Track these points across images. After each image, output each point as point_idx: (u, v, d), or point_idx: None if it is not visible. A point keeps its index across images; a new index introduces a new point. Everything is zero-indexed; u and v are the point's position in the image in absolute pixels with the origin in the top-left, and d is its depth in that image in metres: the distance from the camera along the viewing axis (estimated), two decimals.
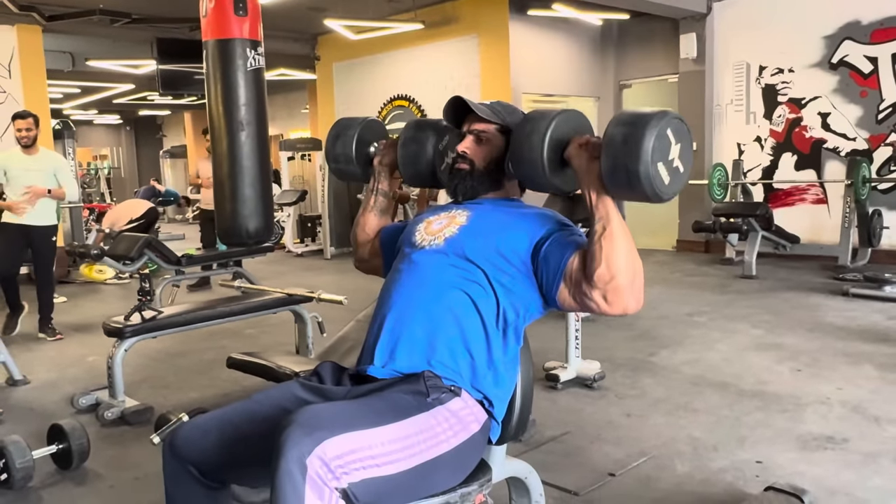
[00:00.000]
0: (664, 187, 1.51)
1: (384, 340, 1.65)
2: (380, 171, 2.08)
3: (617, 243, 1.53)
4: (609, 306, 1.54)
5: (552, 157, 1.65)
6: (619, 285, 1.52)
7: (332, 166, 2.16)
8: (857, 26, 7.29)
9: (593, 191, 1.57)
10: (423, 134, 1.97)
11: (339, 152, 2.11)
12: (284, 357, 2.79)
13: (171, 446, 1.59)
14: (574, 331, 3.78)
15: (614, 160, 1.49)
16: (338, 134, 2.12)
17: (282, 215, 10.26)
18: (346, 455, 1.31)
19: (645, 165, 1.46)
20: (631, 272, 1.54)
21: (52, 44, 8.89)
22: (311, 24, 9.54)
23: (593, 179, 1.57)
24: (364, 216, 2.10)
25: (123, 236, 6.31)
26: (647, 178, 1.47)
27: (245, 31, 4.78)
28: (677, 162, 1.54)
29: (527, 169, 1.70)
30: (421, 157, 1.95)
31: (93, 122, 20.66)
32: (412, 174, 2.00)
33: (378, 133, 2.14)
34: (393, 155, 2.03)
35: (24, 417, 3.62)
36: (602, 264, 1.52)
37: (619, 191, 1.55)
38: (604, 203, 1.56)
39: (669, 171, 1.52)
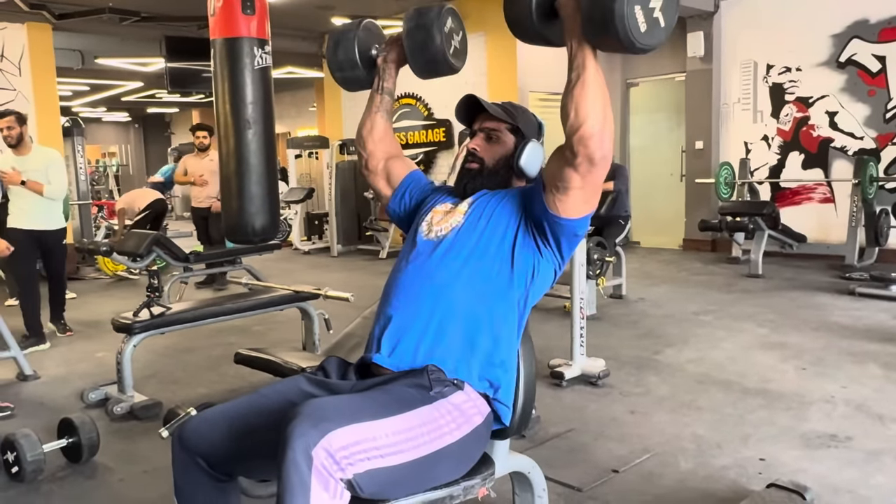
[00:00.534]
0: (639, 34, 1.49)
1: (390, 332, 1.68)
2: (385, 69, 2.04)
3: (589, 90, 1.55)
4: (576, 157, 1.58)
5: (541, 3, 1.64)
6: (585, 132, 1.55)
7: (337, 75, 2.10)
8: (865, 25, 7.27)
9: (574, 39, 1.58)
10: (426, 18, 1.92)
11: (341, 58, 2.06)
12: (291, 353, 2.82)
13: (180, 439, 1.62)
14: (579, 328, 3.79)
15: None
16: (337, 41, 2.06)
17: (289, 213, 10.30)
18: (351, 446, 1.34)
19: (620, 3, 1.45)
20: (600, 119, 1.56)
21: (61, 42, 8.95)
22: (319, 22, 9.57)
23: (576, 27, 1.57)
24: (371, 117, 2.06)
25: (132, 233, 6.37)
26: (620, 17, 1.45)
27: (253, 30, 4.82)
28: (658, 13, 1.52)
29: (515, 11, 1.68)
30: (429, 42, 1.91)
31: (101, 119, 20.77)
32: (424, 62, 1.94)
33: (376, 35, 2.10)
34: (397, 50, 2.00)
35: (35, 412, 3.66)
36: (572, 112, 1.56)
37: (594, 31, 1.53)
38: (582, 51, 1.57)
39: (647, 18, 1.50)
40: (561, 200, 1.65)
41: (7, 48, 8.10)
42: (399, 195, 2.01)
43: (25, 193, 4.93)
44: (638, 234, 9.32)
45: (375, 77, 2.06)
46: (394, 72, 2.05)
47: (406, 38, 1.94)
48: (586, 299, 4.04)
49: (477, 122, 1.90)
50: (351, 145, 9.84)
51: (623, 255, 5.96)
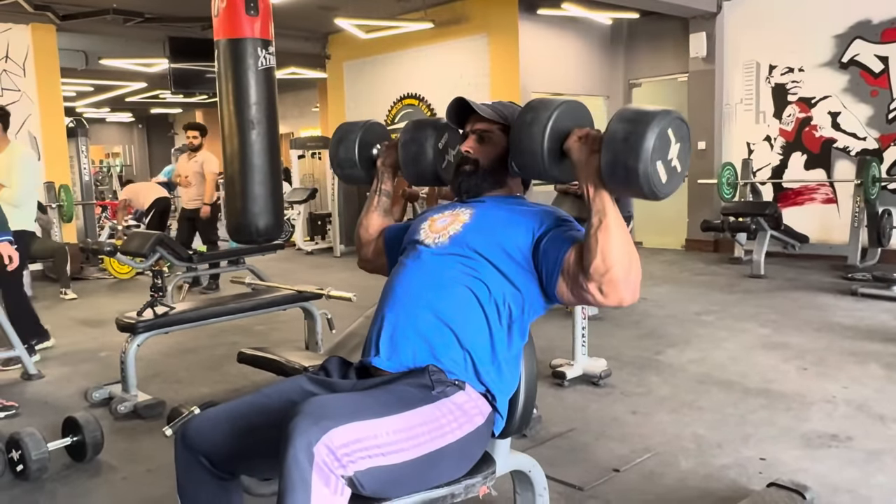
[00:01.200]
0: (661, 186, 1.53)
1: (387, 334, 1.68)
2: (383, 172, 2.11)
3: (612, 236, 1.56)
4: (605, 298, 1.58)
5: (552, 147, 1.67)
6: (614, 277, 1.55)
7: (337, 171, 2.21)
8: (868, 25, 7.27)
9: (591, 184, 1.59)
10: (421, 134, 1.99)
11: (342, 157, 2.15)
12: (294, 352, 2.83)
13: (184, 437, 1.64)
14: (581, 329, 3.80)
15: (614, 156, 1.51)
16: (340, 139, 2.16)
17: (292, 213, 10.32)
18: (352, 444, 1.35)
19: (644, 164, 1.48)
20: (626, 264, 1.56)
21: (65, 42, 8.99)
22: (322, 23, 9.60)
23: (591, 173, 1.59)
24: (368, 216, 2.14)
25: (136, 233, 6.39)
26: (645, 176, 1.49)
27: (256, 31, 4.84)
28: (675, 161, 1.56)
29: (526, 158, 1.71)
30: (421, 157, 1.98)
31: (105, 119, 20.83)
32: (414, 174, 2.03)
33: (379, 135, 2.17)
34: (395, 156, 2.06)
35: (39, 411, 3.69)
36: (598, 257, 1.55)
37: (617, 186, 1.57)
38: (601, 197, 1.58)
39: (668, 170, 1.54)
40: (567, 297, 1.66)
41: (11, 49, 8.13)
42: (388, 252, 2.06)
43: None
44: (640, 235, 9.32)
45: (374, 178, 2.14)
46: (391, 176, 2.12)
47: (400, 148, 2.03)
48: None
49: (468, 124, 1.91)
50: None
51: None
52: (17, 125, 8.22)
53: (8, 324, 4.10)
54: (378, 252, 2.12)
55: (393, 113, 9.92)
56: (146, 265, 5.79)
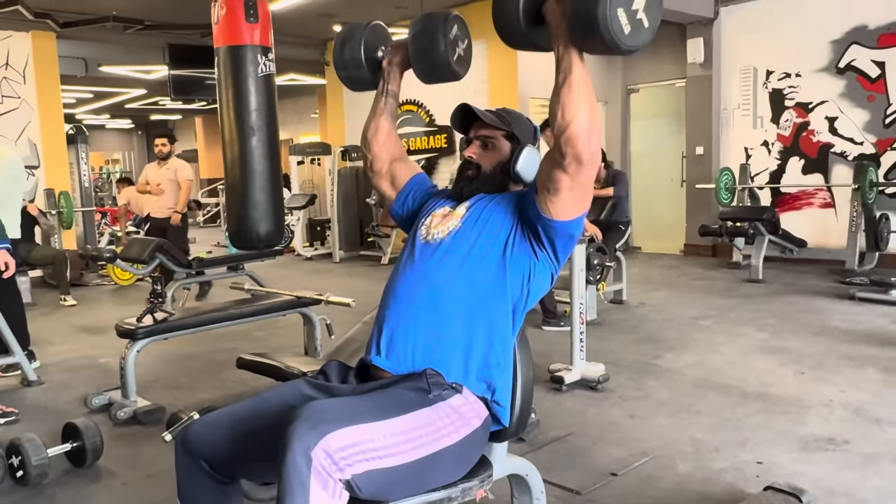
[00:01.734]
0: (623, 35, 1.52)
1: (387, 334, 1.71)
2: (390, 72, 2.06)
3: (575, 92, 1.57)
4: (564, 157, 1.60)
5: (528, 9, 1.67)
6: (573, 132, 1.58)
7: (342, 74, 2.12)
8: (864, 31, 7.31)
9: (561, 43, 1.60)
10: (432, 24, 1.94)
11: (347, 58, 2.08)
12: (293, 358, 2.85)
13: (184, 442, 1.65)
14: (579, 333, 3.82)
15: (574, 2, 1.52)
16: (344, 40, 2.09)
17: (291, 219, 10.34)
18: (350, 447, 1.37)
19: (603, 7, 1.48)
20: (587, 119, 1.58)
21: (65, 50, 9.02)
22: (321, 29, 9.64)
23: (563, 32, 1.59)
24: (375, 119, 2.08)
25: (135, 239, 6.41)
26: (604, 21, 1.48)
27: (256, 38, 4.87)
28: (641, 14, 1.55)
29: (503, 17, 1.70)
30: (433, 48, 1.93)
31: (105, 126, 20.87)
32: (427, 67, 1.97)
33: (383, 37, 2.12)
34: (403, 53, 2.03)
35: (39, 417, 3.70)
36: (559, 113, 1.58)
37: (580, 36, 1.56)
38: (569, 54, 1.59)
39: (631, 20, 1.53)
40: (552, 202, 1.68)
41: (12, 56, 8.17)
42: (402, 198, 2.05)
43: None
44: (639, 240, 9.35)
45: (380, 79, 2.08)
46: (398, 75, 2.07)
47: (410, 42, 1.97)
48: (586, 304, 4.07)
49: (472, 130, 1.94)
50: (353, 151, 9.89)
51: (623, 261, 5.99)
52: (17, 132, 8.26)
53: (8, 330, 4.11)
54: (391, 182, 2.08)
55: None
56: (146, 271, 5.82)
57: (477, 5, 8.62)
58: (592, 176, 1.67)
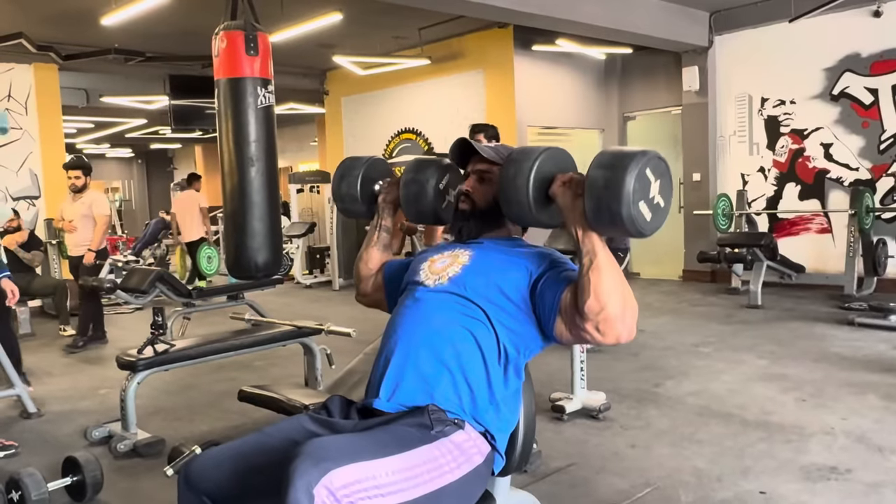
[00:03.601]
0: (646, 224, 1.57)
1: (390, 375, 1.71)
2: (383, 209, 2.15)
3: (604, 275, 1.58)
4: (602, 336, 1.60)
5: (537, 196, 1.71)
6: (608, 315, 1.58)
7: (339, 206, 2.23)
8: (857, 58, 7.40)
9: (578, 227, 1.62)
10: (423, 174, 2.03)
11: (344, 192, 2.18)
12: (294, 390, 2.85)
13: (186, 478, 1.65)
14: (579, 362, 3.82)
15: (597, 202, 1.55)
16: (343, 174, 2.19)
17: (291, 247, 10.36)
18: (352, 485, 1.37)
19: (627, 207, 1.51)
20: (620, 302, 1.59)
21: (67, 81, 9.11)
22: (321, 59, 9.75)
23: (578, 216, 1.62)
24: (367, 251, 2.17)
25: (135, 269, 6.41)
26: (629, 218, 1.52)
27: (256, 70, 4.92)
28: (658, 199, 1.60)
29: (514, 209, 1.76)
30: (422, 196, 2.01)
31: (105, 155, 20.97)
32: (414, 213, 2.06)
33: (382, 171, 2.21)
34: (396, 193, 2.10)
35: (39, 449, 3.68)
36: (591, 296, 1.58)
37: (603, 229, 1.60)
38: (589, 238, 1.61)
39: (651, 207, 1.57)
40: (567, 337, 1.69)
41: (14, 88, 8.24)
42: (388, 289, 2.09)
43: None
44: (638, 266, 9.37)
45: (375, 214, 2.17)
46: (392, 212, 2.15)
47: (401, 188, 2.06)
48: None
49: (470, 165, 1.97)
50: None
51: None
52: (18, 162, 8.30)
53: (7, 361, 4.11)
54: (377, 287, 2.15)
55: (391, 147, 10.03)
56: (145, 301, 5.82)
57: (474, 35, 8.75)
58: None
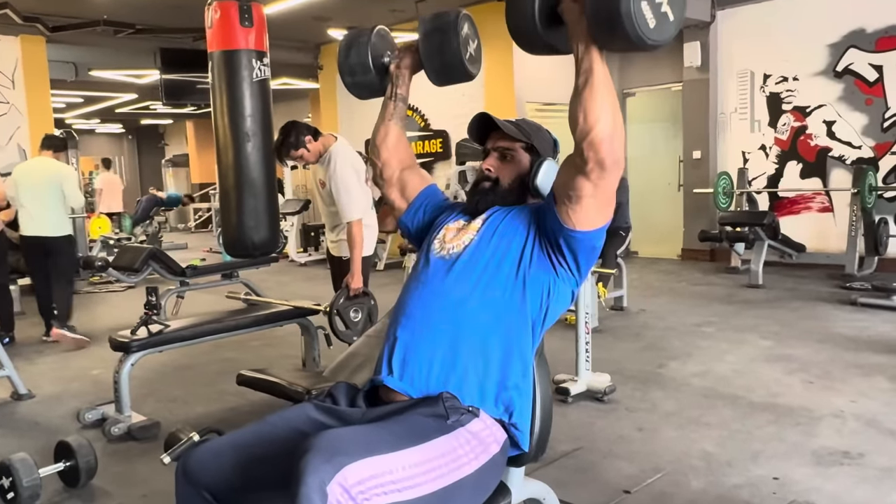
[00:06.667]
0: (648, 30, 1.45)
1: (399, 353, 1.62)
2: (398, 76, 1.97)
3: (597, 93, 1.50)
4: (586, 163, 1.52)
5: (544, 10, 1.59)
6: (595, 136, 1.49)
7: (348, 80, 2.03)
8: (862, 34, 7.28)
9: (581, 42, 1.53)
10: (442, 22, 1.87)
11: (353, 62, 1.99)
12: (294, 373, 2.76)
13: (185, 471, 1.56)
14: (584, 343, 3.74)
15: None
16: (350, 44, 2.00)
17: (285, 225, 10.23)
18: (367, 481, 1.29)
19: (626, 1, 1.41)
20: (611, 123, 1.50)
21: (55, 54, 8.90)
22: (315, 33, 9.55)
23: (582, 30, 1.52)
24: (384, 124, 1.99)
25: (127, 247, 6.30)
26: (628, 15, 1.41)
27: (251, 42, 4.77)
28: (665, 7, 1.48)
29: (518, 19, 1.62)
30: (447, 45, 1.85)
31: (95, 131, 20.69)
32: (440, 66, 1.88)
33: (389, 42, 2.05)
34: (412, 56, 1.95)
35: (30, 432, 3.59)
36: (580, 116, 1.50)
37: (602, 35, 1.50)
38: (589, 54, 1.52)
39: (655, 13, 1.46)
40: (574, 211, 1.60)
41: (0, 61, 8.04)
42: (413, 209, 1.95)
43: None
44: (636, 245, 9.28)
45: (388, 84, 2.00)
46: (408, 78, 1.99)
47: (422, 42, 1.89)
48: (591, 313, 3.99)
49: (490, 141, 1.85)
50: None
51: (624, 267, 5.92)
52: (6, 137, 8.13)
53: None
54: (401, 191, 1.98)
55: None
56: (138, 279, 5.72)
57: (473, 8, 8.53)
58: (616, 181, 1.59)
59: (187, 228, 17.25)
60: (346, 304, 3.79)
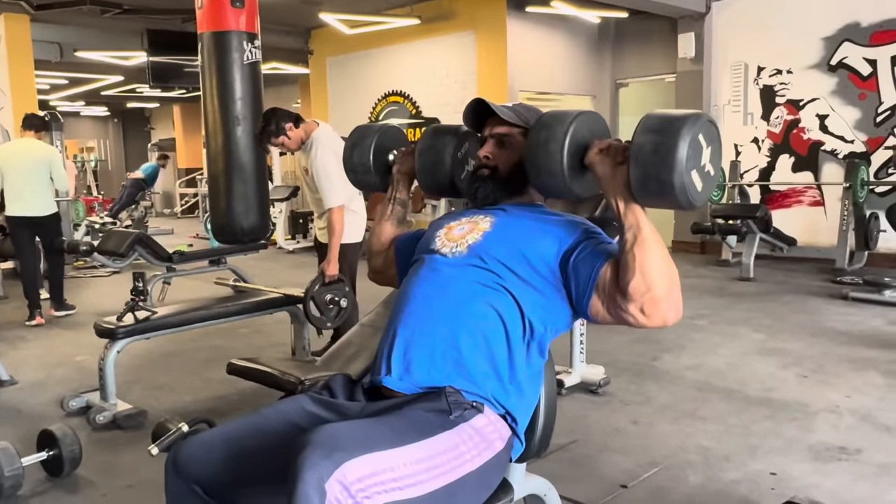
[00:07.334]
0: (697, 194, 1.42)
1: (399, 351, 1.56)
2: (398, 180, 1.97)
3: (650, 252, 1.44)
4: (647, 319, 1.45)
5: (572, 164, 1.55)
6: (655, 296, 1.43)
7: (350, 177, 2.05)
8: (857, 28, 7.26)
9: (620, 199, 1.47)
10: (440, 142, 1.86)
11: (356, 162, 2.00)
12: (286, 362, 2.70)
13: (174, 463, 1.50)
14: (579, 335, 3.70)
15: (645, 170, 1.40)
16: (354, 143, 2.01)
17: (274, 211, 10.12)
18: (368, 478, 1.23)
19: (679, 176, 1.37)
20: (668, 281, 1.45)
21: (39, 34, 8.72)
22: (305, 17, 9.42)
23: (619, 187, 1.46)
24: (380, 225, 2.00)
25: (113, 231, 6.19)
26: (681, 188, 1.38)
27: (242, 24, 4.68)
28: (709, 166, 1.46)
29: (545, 178, 1.60)
30: (439, 166, 1.85)
31: (80, 113, 20.40)
32: (430, 184, 1.90)
33: (396, 140, 2.03)
34: (411, 163, 1.93)
35: (13, 420, 3.50)
36: (637, 275, 1.43)
37: (649, 200, 1.46)
38: (633, 211, 1.46)
39: (702, 176, 1.43)
40: (604, 316, 1.53)
41: None
42: (400, 263, 1.91)
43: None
44: None
45: (389, 185, 1.99)
46: (407, 184, 1.98)
47: (417, 156, 1.89)
48: None
49: (487, 128, 1.78)
50: None
51: None
52: None
53: None
54: (388, 262, 1.98)
55: (377, 110, 9.77)
56: (123, 264, 5.62)
57: None
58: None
59: (173, 214, 17.07)
60: (322, 290, 3.81)
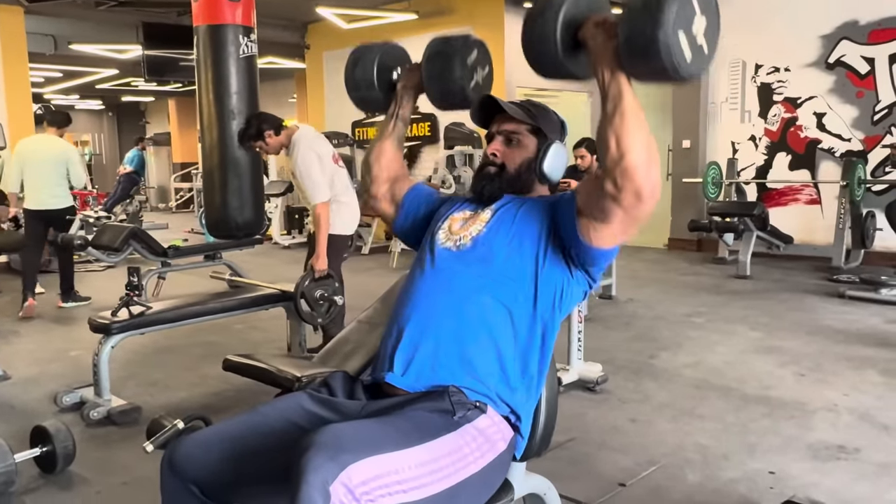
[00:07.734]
0: (684, 62, 1.38)
1: (403, 348, 1.54)
2: (402, 95, 1.91)
3: (629, 121, 1.41)
4: (620, 190, 1.42)
5: (565, 37, 1.51)
6: (630, 163, 1.40)
7: (353, 94, 1.98)
8: (855, 26, 7.25)
9: (607, 69, 1.44)
10: (449, 47, 1.80)
11: (359, 77, 1.94)
12: (282, 359, 2.67)
13: (171, 463, 1.47)
14: (577, 332, 3.68)
15: (631, 25, 1.38)
16: (357, 59, 1.94)
17: (269, 206, 10.07)
18: (372, 481, 1.21)
19: (664, 32, 1.33)
20: (645, 152, 1.42)
21: (33, 26, 8.64)
22: (302, 11, 9.36)
23: (608, 57, 1.43)
24: (381, 143, 1.94)
25: (107, 226, 6.14)
26: (665, 46, 1.34)
27: (238, 17, 4.64)
28: (701, 39, 1.42)
29: (537, 47, 1.55)
30: (448, 72, 1.79)
31: (74, 107, 20.27)
32: (440, 92, 1.83)
33: (399, 58, 1.98)
34: (417, 77, 1.87)
35: (5, 416, 3.47)
36: (612, 143, 1.41)
37: (636, 63, 1.42)
38: (617, 81, 1.43)
39: (691, 45, 1.39)
40: (596, 230, 1.51)
41: None
42: (404, 211, 1.89)
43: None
44: None
45: (392, 102, 1.94)
46: (411, 99, 1.93)
47: (425, 64, 1.83)
48: (584, 302, 3.93)
49: (495, 124, 1.76)
50: (333, 138, 9.65)
51: None
52: None
53: None
54: (392, 199, 1.92)
55: None
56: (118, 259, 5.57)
57: None
58: (650, 210, 1.48)
59: (168, 208, 17.00)
60: (312, 285, 3.81)
